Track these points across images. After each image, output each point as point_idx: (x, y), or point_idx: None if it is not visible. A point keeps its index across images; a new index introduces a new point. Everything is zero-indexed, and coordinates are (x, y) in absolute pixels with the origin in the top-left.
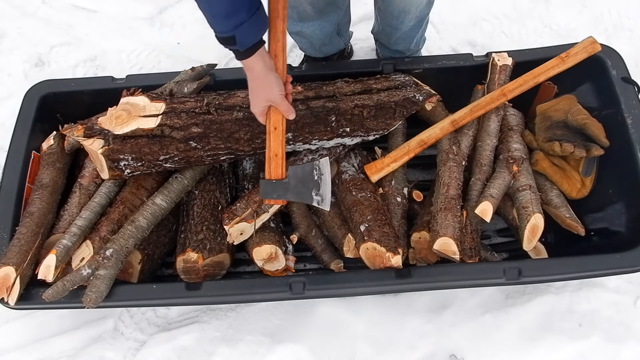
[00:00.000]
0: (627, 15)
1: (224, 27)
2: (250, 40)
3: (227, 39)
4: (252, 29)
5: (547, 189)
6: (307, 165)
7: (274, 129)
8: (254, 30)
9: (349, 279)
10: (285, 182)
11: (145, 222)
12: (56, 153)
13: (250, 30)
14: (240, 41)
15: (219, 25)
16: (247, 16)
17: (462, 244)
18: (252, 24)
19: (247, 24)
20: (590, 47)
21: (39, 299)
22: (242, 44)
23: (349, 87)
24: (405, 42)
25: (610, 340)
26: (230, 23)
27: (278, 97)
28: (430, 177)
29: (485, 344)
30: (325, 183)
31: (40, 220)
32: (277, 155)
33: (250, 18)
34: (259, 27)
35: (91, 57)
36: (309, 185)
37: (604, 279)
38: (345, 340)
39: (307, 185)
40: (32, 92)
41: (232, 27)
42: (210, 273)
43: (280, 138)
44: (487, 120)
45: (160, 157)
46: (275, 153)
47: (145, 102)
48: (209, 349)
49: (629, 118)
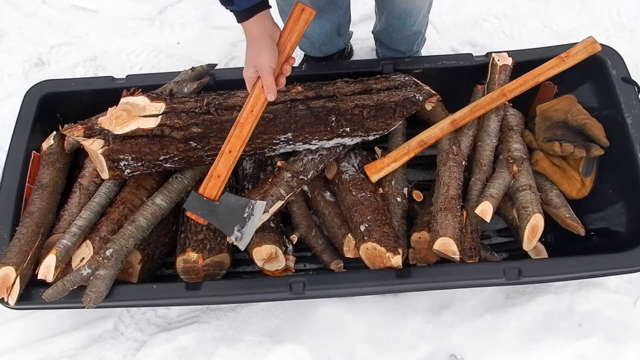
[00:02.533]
0: (627, 15)
1: None
2: (248, 1)
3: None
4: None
5: (547, 189)
6: (243, 200)
7: (228, 151)
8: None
9: (349, 279)
10: (215, 205)
11: (145, 222)
12: (56, 153)
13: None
14: (238, 1)
15: None
16: None
17: (462, 244)
18: None
19: None
20: (590, 47)
21: (39, 299)
22: (239, 3)
23: (349, 87)
24: (407, 43)
25: (610, 340)
26: None
27: (265, 66)
28: (430, 177)
29: (485, 344)
30: (252, 224)
31: (40, 220)
32: (219, 176)
33: None
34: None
35: (91, 57)
36: (235, 219)
37: (604, 279)
38: (345, 340)
39: (233, 218)
40: (32, 92)
41: None
42: (210, 273)
43: (230, 162)
44: (487, 120)
45: (160, 157)
46: (219, 174)
47: (145, 102)
48: (209, 349)
49: (629, 118)
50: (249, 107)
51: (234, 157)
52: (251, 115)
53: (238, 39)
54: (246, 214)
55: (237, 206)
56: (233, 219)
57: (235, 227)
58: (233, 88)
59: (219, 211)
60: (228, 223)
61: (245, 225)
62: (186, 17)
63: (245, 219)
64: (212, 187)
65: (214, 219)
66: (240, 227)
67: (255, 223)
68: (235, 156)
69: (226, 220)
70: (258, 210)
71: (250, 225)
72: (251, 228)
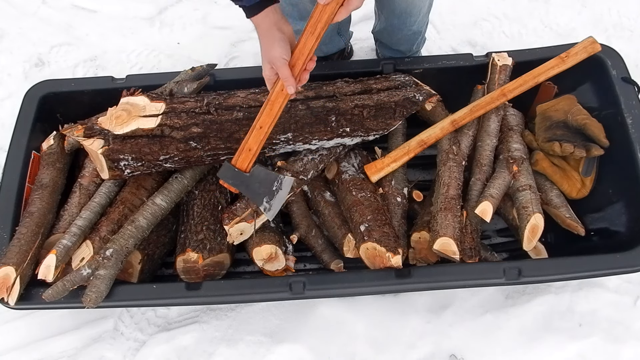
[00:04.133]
0: (627, 15)
1: None
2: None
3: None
4: None
5: (547, 189)
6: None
7: (259, 127)
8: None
9: (349, 279)
10: (246, 176)
11: (145, 222)
12: (56, 153)
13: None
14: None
15: None
16: None
17: (462, 244)
18: None
19: None
20: (590, 47)
21: (39, 299)
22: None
23: (349, 87)
24: (407, 43)
25: (610, 340)
26: None
27: (277, 58)
28: (430, 177)
29: (485, 344)
30: (279, 198)
31: (40, 220)
32: (250, 150)
33: None
34: None
35: (91, 57)
36: (264, 190)
37: (604, 279)
38: (345, 340)
39: (262, 189)
40: (32, 92)
41: None
42: (210, 273)
43: (262, 137)
44: (487, 120)
45: (160, 157)
46: (250, 148)
47: (145, 102)
48: (209, 349)
49: (629, 118)
50: (279, 86)
51: (264, 133)
52: (282, 94)
53: (238, 39)
54: (275, 187)
55: (266, 179)
56: (263, 191)
57: (264, 198)
58: (233, 88)
59: (249, 182)
60: (258, 194)
61: (273, 197)
62: (186, 17)
63: (274, 192)
64: (244, 159)
65: (245, 189)
66: (269, 198)
67: (283, 197)
68: (266, 132)
69: (256, 191)
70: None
71: (278, 199)
72: (279, 201)
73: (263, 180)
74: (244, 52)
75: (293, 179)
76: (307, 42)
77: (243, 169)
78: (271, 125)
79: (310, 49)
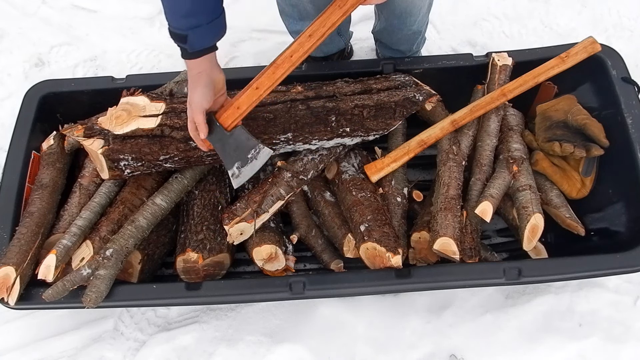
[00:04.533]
0: (627, 15)
1: (180, 25)
2: (202, 44)
3: (179, 36)
4: (207, 33)
5: (547, 189)
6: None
7: (255, 87)
8: (209, 35)
9: (349, 279)
10: (225, 134)
11: (145, 222)
12: (56, 153)
13: (205, 35)
14: (191, 43)
15: (175, 21)
16: (206, 20)
17: (462, 244)
18: (209, 29)
19: (203, 28)
20: (590, 47)
21: (39, 299)
22: (192, 45)
23: (349, 87)
24: (407, 43)
25: (610, 340)
26: (187, 22)
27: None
28: (430, 177)
29: (485, 344)
30: (252, 167)
31: (40, 220)
32: (239, 108)
33: (208, 23)
34: (215, 33)
35: (91, 57)
36: (238, 155)
37: (604, 279)
38: (345, 340)
39: (237, 153)
40: (32, 92)
41: (188, 26)
42: (210, 273)
43: (254, 99)
44: (487, 120)
45: (160, 157)
46: (238, 106)
47: (145, 102)
48: (209, 349)
49: (629, 118)
50: (288, 52)
51: (258, 95)
52: (289, 60)
53: (238, 38)
54: (250, 155)
55: (245, 144)
56: (237, 155)
57: (236, 163)
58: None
59: (226, 141)
60: (231, 157)
61: (246, 165)
62: None
63: (248, 159)
64: (229, 116)
65: (220, 147)
66: (240, 165)
67: (256, 168)
68: (261, 95)
69: (230, 153)
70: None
71: (250, 167)
72: (250, 170)
73: (241, 143)
74: (244, 52)
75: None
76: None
77: (225, 125)
78: (268, 89)
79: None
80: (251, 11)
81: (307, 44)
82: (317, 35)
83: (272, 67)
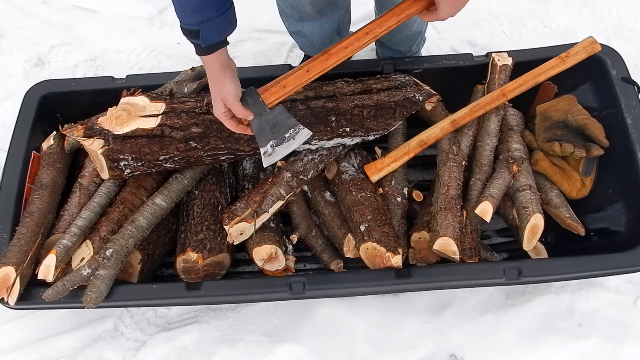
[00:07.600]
0: (627, 15)
1: (191, 20)
2: (214, 38)
3: (191, 31)
4: (218, 27)
5: (547, 189)
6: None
7: (306, 70)
8: (220, 28)
9: (349, 279)
10: (265, 110)
11: (145, 222)
12: (56, 153)
13: (216, 28)
14: (204, 37)
15: (186, 16)
16: (215, 14)
17: (462, 244)
18: (219, 22)
19: (214, 22)
20: (590, 47)
21: (39, 299)
22: (205, 40)
23: (349, 87)
24: (407, 43)
25: (610, 340)
26: (197, 17)
27: (231, 96)
28: (430, 177)
29: (485, 344)
30: (287, 146)
31: (40, 220)
32: (285, 87)
33: (218, 16)
34: (226, 26)
35: (91, 57)
36: (274, 135)
37: (604, 279)
38: (345, 340)
39: (272, 132)
40: (32, 92)
41: (199, 21)
42: (210, 273)
43: (302, 80)
44: (487, 120)
45: (160, 157)
46: (285, 85)
47: (145, 102)
48: (209, 349)
49: (629, 118)
50: (344, 43)
51: (307, 77)
52: (343, 51)
53: (238, 38)
54: (288, 135)
55: (284, 122)
56: (271, 134)
57: (270, 142)
58: None
59: (265, 118)
60: (267, 134)
61: (281, 144)
62: None
63: (284, 138)
64: (273, 93)
65: (257, 123)
66: (275, 143)
67: (291, 147)
68: (310, 77)
69: (267, 131)
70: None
71: (285, 147)
72: (284, 150)
73: (280, 122)
74: (244, 52)
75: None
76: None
77: (267, 102)
78: (318, 73)
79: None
80: (251, 11)
81: (362, 39)
82: (372, 34)
83: (325, 55)
